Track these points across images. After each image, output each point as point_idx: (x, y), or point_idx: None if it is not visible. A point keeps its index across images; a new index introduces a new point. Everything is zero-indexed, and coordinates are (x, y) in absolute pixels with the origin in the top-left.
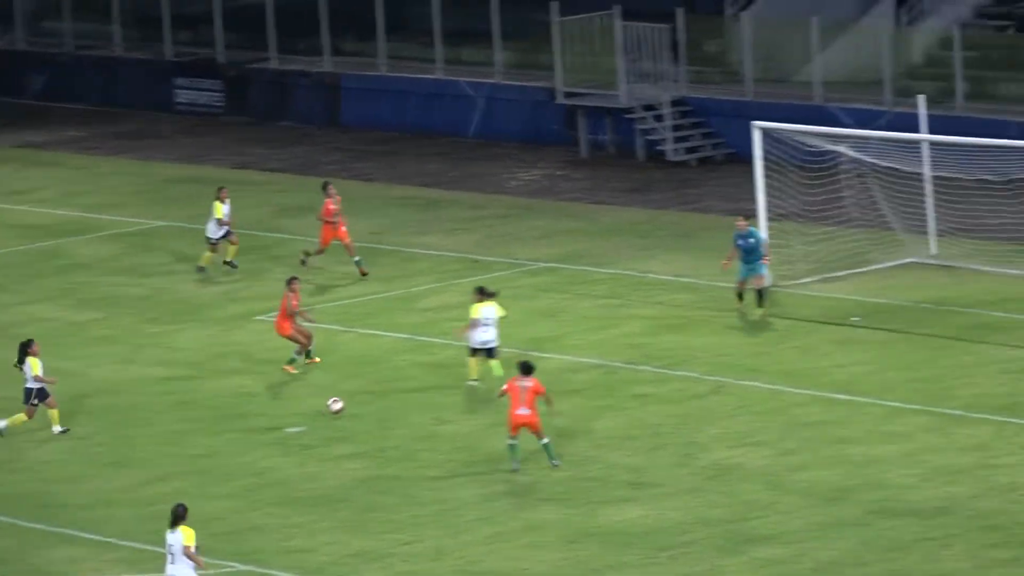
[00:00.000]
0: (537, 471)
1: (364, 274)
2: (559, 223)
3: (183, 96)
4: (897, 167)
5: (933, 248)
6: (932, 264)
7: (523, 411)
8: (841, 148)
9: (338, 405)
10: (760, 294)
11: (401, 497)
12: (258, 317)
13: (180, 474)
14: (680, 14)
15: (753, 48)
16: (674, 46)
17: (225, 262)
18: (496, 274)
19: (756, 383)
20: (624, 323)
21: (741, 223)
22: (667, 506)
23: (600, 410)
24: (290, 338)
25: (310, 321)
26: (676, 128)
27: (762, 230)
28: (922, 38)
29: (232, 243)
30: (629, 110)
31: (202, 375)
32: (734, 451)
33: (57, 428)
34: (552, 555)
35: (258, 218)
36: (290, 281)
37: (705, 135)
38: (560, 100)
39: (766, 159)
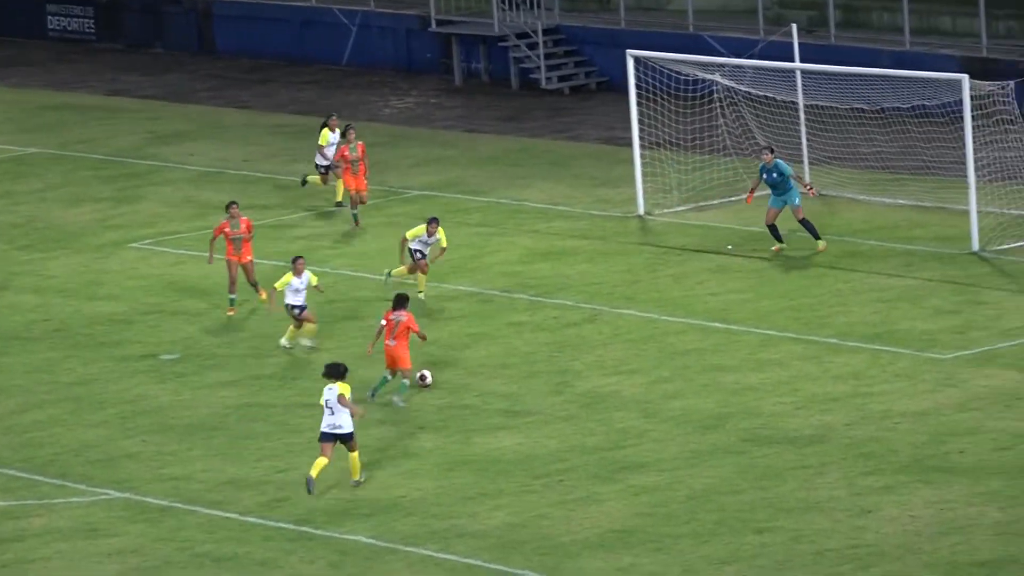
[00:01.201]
0: (415, 399)
1: (357, 225)
2: (433, 151)
3: (55, 23)
4: (771, 96)
5: (807, 177)
6: (806, 193)
7: (392, 343)
8: (715, 77)
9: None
10: (806, 225)
11: (276, 425)
12: (132, 244)
13: (54, 401)
14: None
15: None
16: None
17: (337, 203)
18: (371, 202)
19: (631, 311)
20: (499, 251)
21: (767, 157)
22: (542, 434)
23: (475, 338)
24: (234, 263)
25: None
26: (549, 56)
27: (636, 157)
28: None
29: (337, 176)
30: (503, 38)
31: (76, 302)
32: (609, 379)
33: None
34: (428, 483)
35: (132, 145)
36: (229, 206)
37: (578, 63)
38: (433, 28)
39: (639, 88)
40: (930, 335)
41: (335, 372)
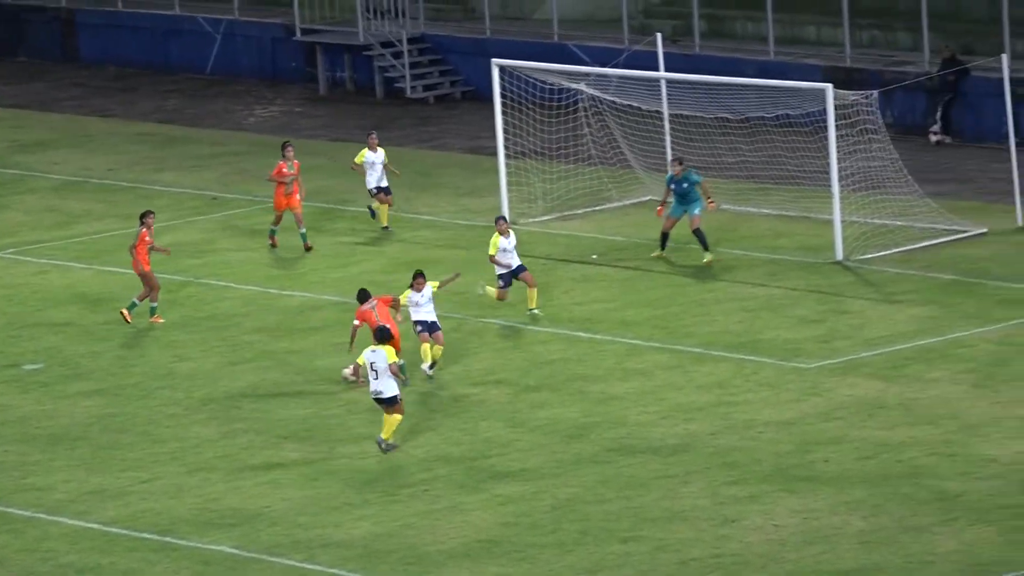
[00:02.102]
0: (281, 409)
1: (308, 248)
2: (299, 161)
3: None
4: (636, 105)
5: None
6: (671, 202)
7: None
8: (580, 86)
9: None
10: (699, 236)
11: (139, 435)
12: None
13: None
14: None
15: None
16: None
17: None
18: (235, 211)
19: (497, 320)
20: (365, 260)
21: (676, 168)
22: (408, 444)
23: (340, 348)
24: (143, 276)
25: (164, 252)
26: (414, 65)
27: (501, 167)
28: None
29: (382, 202)
30: (367, 47)
31: None
32: (475, 388)
33: None
34: (294, 493)
35: None
36: (144, 215)
37: (443, 72)
38: (298, 37)
39: (504, 97)
40: (794, 344)
41: (383, 336)
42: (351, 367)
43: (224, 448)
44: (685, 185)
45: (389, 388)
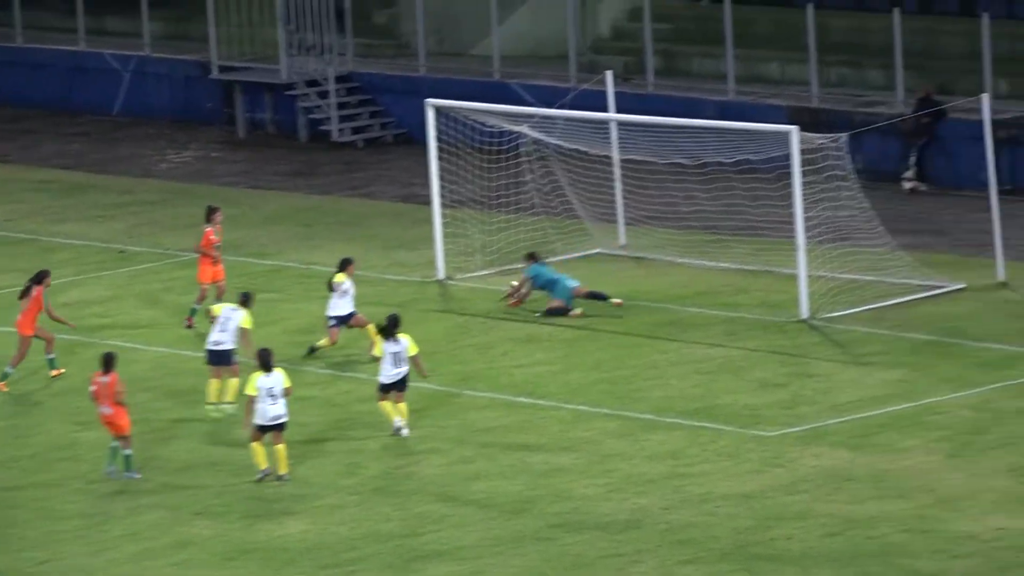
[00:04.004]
0: (194, 483)
1: (190, 326)
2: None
3: None
4: (583, 149)
5: (622, 238)
6: (621, 255)
7: (105, 409)
8: (523, 128)
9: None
10: (593, 295)
11: (37, 511)
12: None
13: None
14: None
15: (426, 19)
16: (340, 16)
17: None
18: (144, 265)
19: (430, 385)
20: (286, 319)
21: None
22: (332, 520)
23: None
24: (23, 340)
25: (69, 325)
26: (342, 106)
27: (436, 217)
28: (609, 9)
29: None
30: (290, 86)
31: None
32: (405, 459)
33: None
34: (207, 573)
35: None
36: (42, 277)
37: (373, 114)
38: (215, 75)
39: (440, 140)
40: (755, 410)
41: (266, 360)
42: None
43: (131, 525)
44: (541, 283)
45: (286, 412)
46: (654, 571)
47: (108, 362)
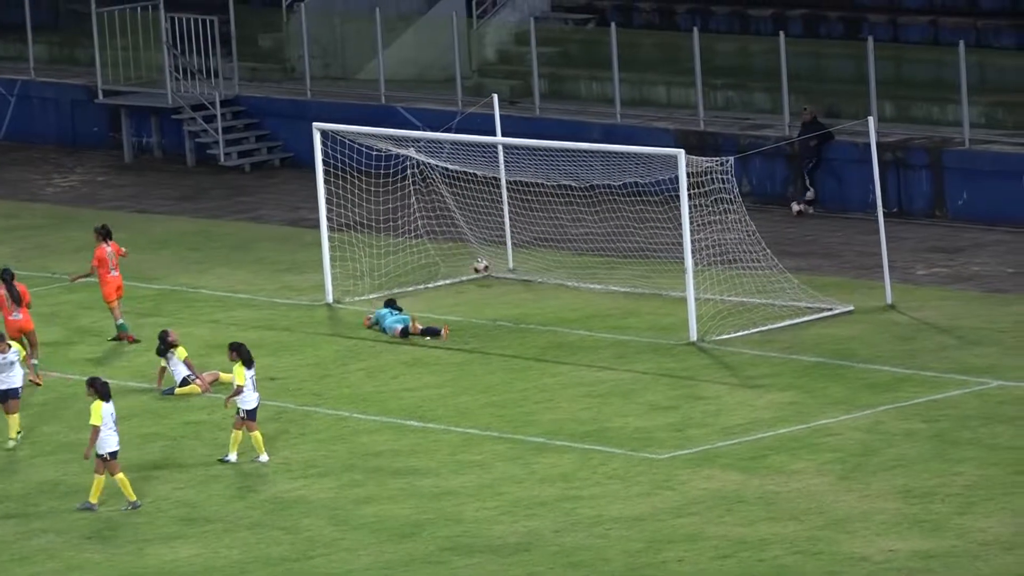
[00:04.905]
0: (75, 505)
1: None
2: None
3: None
4: (470, 172)
5: (510, 261)
6: (509, 278)
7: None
8: (409, 152)
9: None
10: (427, 331)
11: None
12: None
13: None
14: (232, 5)
15: (312, 43)
16: (226, 40)
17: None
18: (32, 290)
19: (319, 408)
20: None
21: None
22: (223, 543)
23: (147, 439)
24: None
25: None
26: (228, 130)
27: (324, 240)
28: (495, 32)
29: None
30: (176, 110)
31: None
32: (295, 483)
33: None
34: None
35: None
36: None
37: (260, 137)
38: (100, 99)
39: (327, 164)
40: (645, 433)
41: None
42: None
43: (18, 549)
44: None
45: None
46: None
47: None
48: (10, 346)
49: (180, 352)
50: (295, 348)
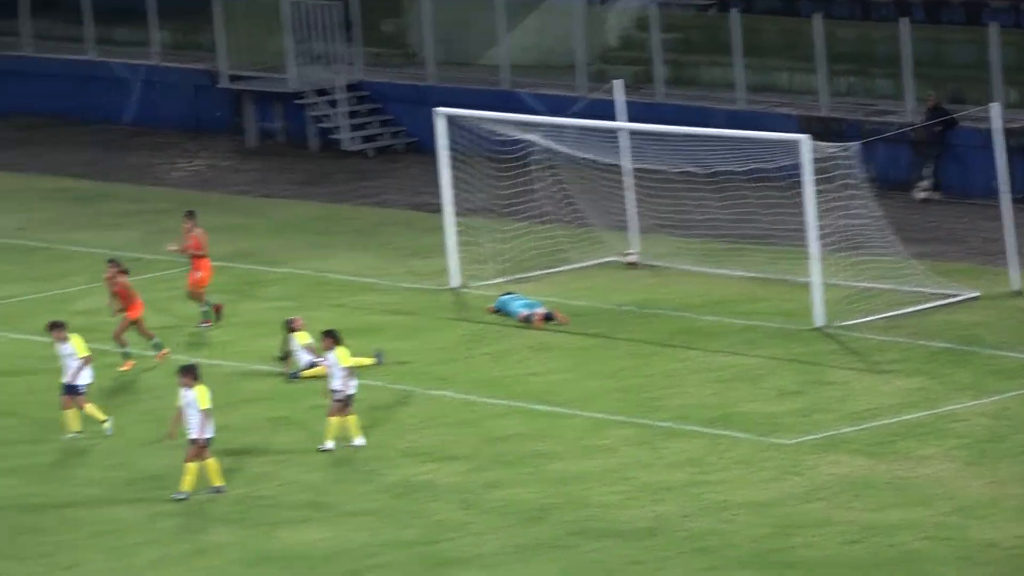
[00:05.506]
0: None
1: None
2: (226, 218)
3: None
4: (594, 158)
5: (635, 246)
6: (648, 264)
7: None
8: (533, 137)
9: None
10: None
11: (56, 518)
12: None
13: None
14: None
15: (434, 28)
16: (348, 26)
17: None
18: (158, 273)
19: (446, 392)
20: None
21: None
22: (351, 527)
23: (275, 423)
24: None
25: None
26: (352, 115)
27: (448, 225)
28: (617, 18)
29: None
30: (300, 95)
31: None
32: (424, 467)
33: None
34: None
35: None
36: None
37: (384, 122)
38: (224, 84)
39: (451, 149)
40: (772, 418)
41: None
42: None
43: (149, 532)
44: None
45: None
46: None
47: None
48: (67, 338)
49: (301, 336)
50: (421, 332)
